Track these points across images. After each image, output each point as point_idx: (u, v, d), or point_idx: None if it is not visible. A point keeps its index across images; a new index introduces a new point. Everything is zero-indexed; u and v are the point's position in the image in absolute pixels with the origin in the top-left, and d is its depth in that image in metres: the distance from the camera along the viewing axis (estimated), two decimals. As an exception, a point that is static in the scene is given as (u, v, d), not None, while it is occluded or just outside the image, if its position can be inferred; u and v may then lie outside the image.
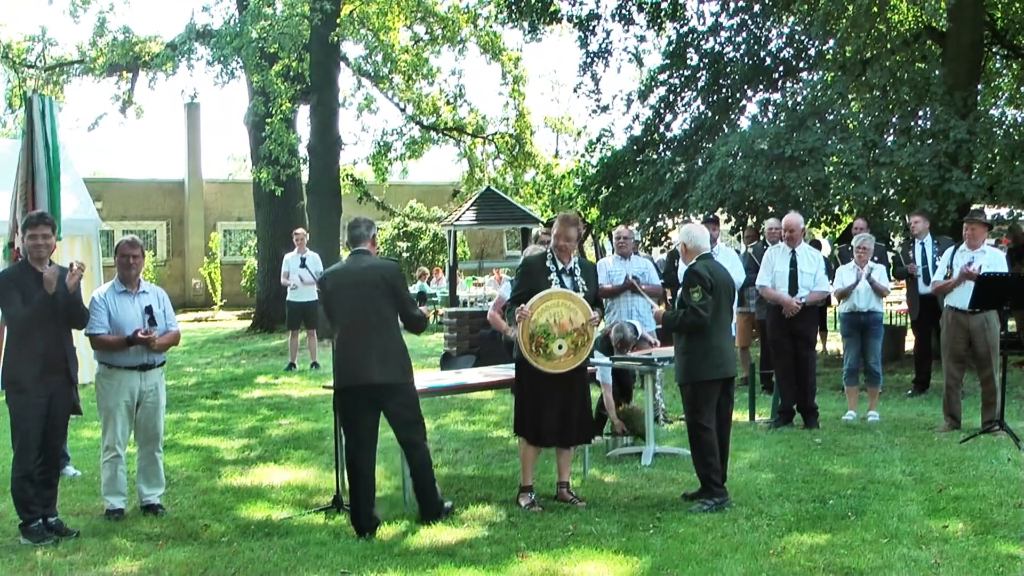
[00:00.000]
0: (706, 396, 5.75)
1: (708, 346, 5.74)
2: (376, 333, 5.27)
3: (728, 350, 5.86)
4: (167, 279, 25.62)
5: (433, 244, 25.75)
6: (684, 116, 15.19)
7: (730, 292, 5.99)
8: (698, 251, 5.94)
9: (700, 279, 5.73)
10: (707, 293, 5.70)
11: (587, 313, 5.70)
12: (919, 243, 9.64)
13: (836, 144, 11.40)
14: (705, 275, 5.74)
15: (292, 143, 16.87)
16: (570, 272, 5.81)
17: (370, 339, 5.25)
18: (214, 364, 13.79)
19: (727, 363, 5.81)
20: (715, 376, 5.75)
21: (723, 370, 5.78)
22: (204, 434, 8.45)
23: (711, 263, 5.92)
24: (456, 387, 6.78)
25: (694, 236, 5.99)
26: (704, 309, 5.69)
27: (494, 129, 22.48)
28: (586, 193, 15.67)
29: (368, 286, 5.31)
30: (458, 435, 8.16)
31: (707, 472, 5.70)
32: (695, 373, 5.76)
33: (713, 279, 5.76)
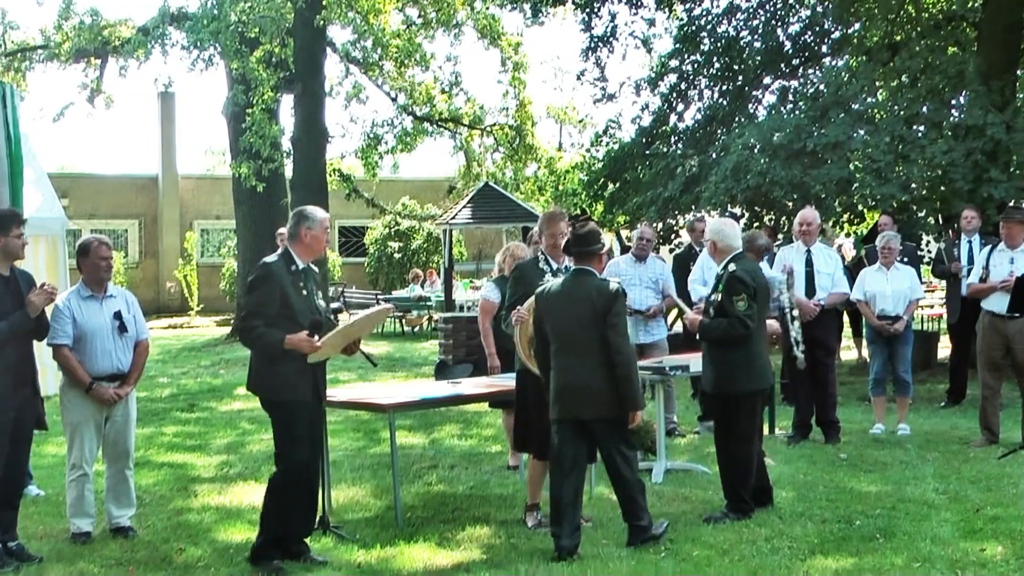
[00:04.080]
0: (746, 409, 5.78)
1: (748, 355, 5.75)
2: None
3: (767, 360, 5.86)
4: (139, 282, 25.59)
5: (427, 244, 25.72)
6: (696, 105, 15.19)
7: (768, 297, 5.99)
8: (730, 250, 5.90)
9: (744, 286, 5.70)
10: (752, 301, 5.68)
11: None
12: (965, 240, 9.59)
13: (861, 137, 11.36)
14: (748, 281, 5.73)
15: (275, 135, 16.85)
16: (565, 272, 5.81)
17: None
18: (190, 374, 13.76)
19: (767, 374, 5.85)
20: (756, 387, 5.79)
21: (764, 380, 5.82)
22: (179, 450, 8.43)
23: (749, 265, 5.89)
24: (452, 399, 6.75)
25: (725, 234, 5.95)
26: (750, 319, 5.67)
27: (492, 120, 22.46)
28: (591, 189, 15.66)
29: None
30: (453, 450, 8.16)
31: (737, 489, 5.74)
32: (735, 384, 5.76)
33: (755, 284, 5.76)
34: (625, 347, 5.18)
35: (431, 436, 8.80)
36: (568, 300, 5.25)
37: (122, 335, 5.69)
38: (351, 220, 28.08)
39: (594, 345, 5.15)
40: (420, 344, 17.60)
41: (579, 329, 5.19)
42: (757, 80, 14.71)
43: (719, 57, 14.77)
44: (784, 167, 11.24)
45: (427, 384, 8.74)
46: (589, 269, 5.33)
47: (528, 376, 5.65)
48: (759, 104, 14.90)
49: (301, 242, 5.18)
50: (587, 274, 5.31)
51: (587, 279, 5.29)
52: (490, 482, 6.94)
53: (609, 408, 5.19)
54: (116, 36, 19.06)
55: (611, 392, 5.16)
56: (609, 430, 5.23)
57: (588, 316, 5.16)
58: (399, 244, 25.75)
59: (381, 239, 26.08)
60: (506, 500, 6.36)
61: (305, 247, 5.19)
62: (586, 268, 5.34)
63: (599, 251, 5.37)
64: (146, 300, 22.35)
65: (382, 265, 25.90)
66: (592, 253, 5.34)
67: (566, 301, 5.25)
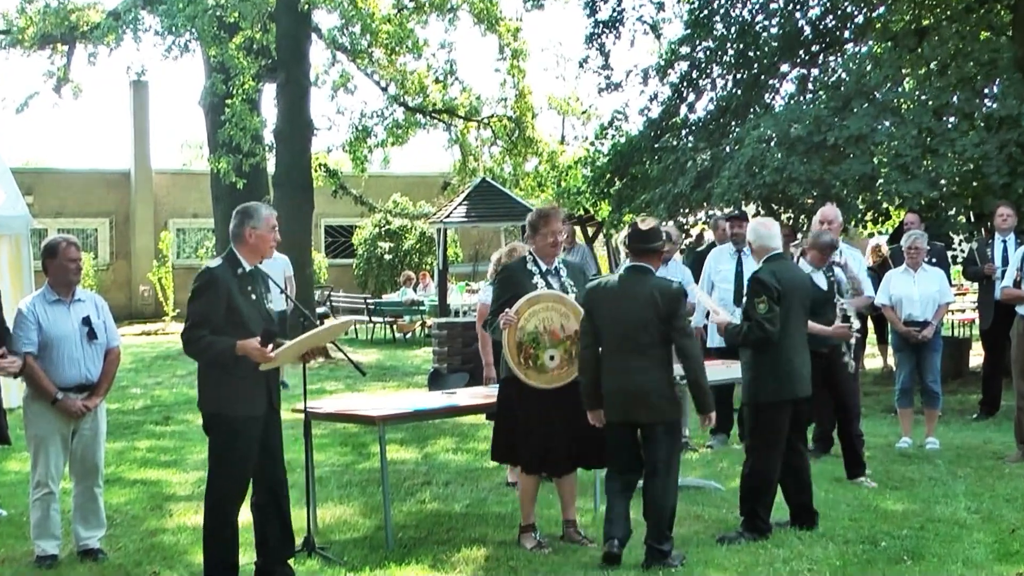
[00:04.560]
0: (766, 419, 5.82)
1: (773, 362, 5.79)
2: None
3: (800, 367, 5.88)
4: (110, 286, 25.57)
5: (420, 244, 25.72)
6: (709, 95, 15.19)
7: (804, 299, 5.97)
8: (766, 251, 5.98)
9: (765, 288, 5.76)
10: (773, 304, 5.72)
11: (580, 317, 5.70)
12: (999, 239, 9.58)
13: (886, 130, 11.35)
14: (771, 283, 5.76)
15: (256, 128, 16.87)
16: (555, 272, 5.83)
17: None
18: (165, 384, 13.75)
19: (798, 382, 5.86)
20: (781, 397, 5.81)
21: (792, 390, 5.83)
22: (152, 466, 8.42)
23: (780, 266, 5.92)
24: (446, 410, 6.75)
25: (759, 234, 6.02)
26: (770, 322, 5.72)
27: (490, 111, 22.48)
28: (596, 185, 15.65)
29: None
30: (448, 466, 8.15)
31: (753, 506, 5.75)
32: (757, 392, 5.85)
33: (781, 286, 5.78)
34: (693, 350, 5.41)
35: (424, 450, 8.79)
36: (626, 298, 5.40)
37: (91, 342, 5.68)
38: (338, 219, 28.06)
39: (653, 346, 5.35)
40: (412, 352, 17.57)
41: (638, 329, 5.35)
42: (774, 68, 14.72)
43: (733, 43, 14.77)
44: (802, 162, 11.24)
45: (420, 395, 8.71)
46: (647, 267, 5.49)
47: (515, 385, 5.65)
48: (776, 94, 14.90)
49: (246, 243, 5.14)
50: (646, 272, 5.48)
51: (646, 277, 5.45)
52: (487, 500, 6.92)
53: (666, 412, 5.40)
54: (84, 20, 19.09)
55: (669, 395, 5.39)
56: (663, 435, 5.41)
57: (650, 316, 5.33)
58: (390, 244, 25.74)
59: (370, 239, 26.07)
60: (504, 519, 6.35)
61: (250, 248, 5.15)
62: (644, 265, 5.49)
63: (661, 248, 5.58)
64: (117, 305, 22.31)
65: (371, 267, 25.89)
66: (654, 251, 5.52)
67: (623, 299, 5.40)
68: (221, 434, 5.07)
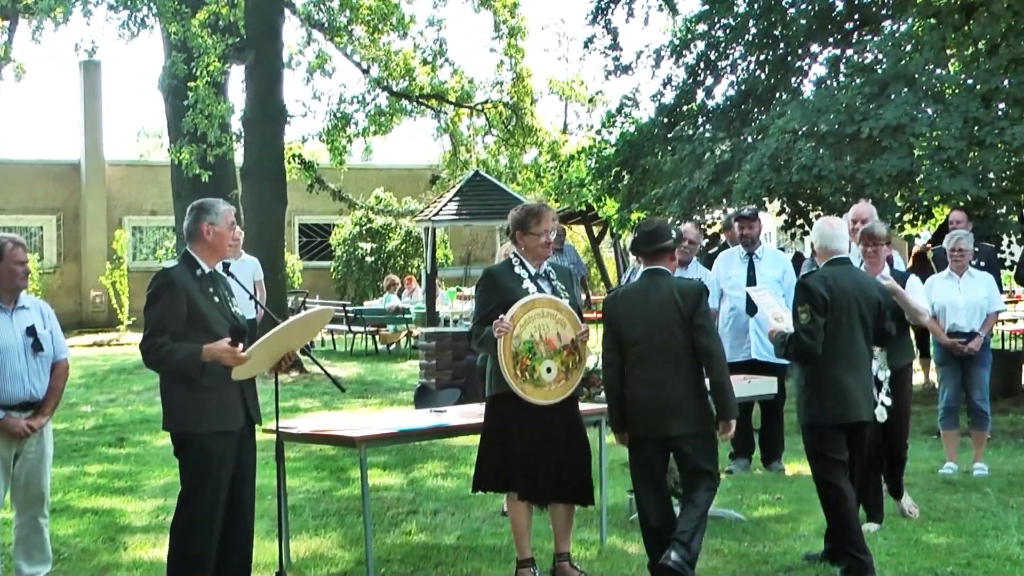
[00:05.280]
0: (826, 444, 5.84)
1: (820, 381, 5.82)
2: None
3: (853, 387, 5.86)
4: (57, 291, 25.54)
5: (405, 245, 25.72)
6: (729, 79, 15.21)
7: (863, 311, 5.91)
8: (829, 253, 6.00)
9: (809, 296, 5.77)
10: (816, 314, 5.73)
11: (577, 325, 5.72)
12: None
13: (927, 119, 11.35)
14: (817, 290, 5.76)
15: (222, 114, 16.85)
16: (545, 276, 5.84)
17: None
18: (119, 401, 13.72)
19: (851, 404, 5.85)
20: (832, 420, 5.83)
21: (843, 412, 5.83)
22: (105, 493, 8.39)
23: (837, 272, 5.90)
24: (435, 431, 6.73)
25: (824, 234, 6.05)
26: (810, 335, 5.74)
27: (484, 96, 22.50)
28: (602, 179, 15.66)
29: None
30: (437, 492, 8.13)
31: (846, 538, 5.75)
32: (809, 414, 5.91)
33: (831, 295, 5.76)
34: (716, 349, 5.56)
35: (410, 476, 8.77)
36: (647, 304, 5.57)
37: (36, 355, 5.66)
38: (314, 216, 28.06)
39: (681, 352, 5.52)
40: (397, 365, 17.54)
41: (664, 336, 5.52)
42: (802, 49, 14.74)
43: (757, 20, 14.79)
44: (833, 155, 11.24)
45: (405, 413, 8.69)
46: (662, 269, 5.66)
47: (509, 401, 5.64)
48: (804, 78, 14.92)
49: (203, 241, 5.16)
50: (662, 274, 5.65)
51: (664, 279, 5.62)
52: (481, 531, 6.91)
53: (699, 423, 5.55)
54: (29, -8, 19.04)
55: (700, 405, 5.55)
56: (697, 448, 5.56)
57: (674, 320, 5.50)
58: (372, 245, 25.74)
59: (350, 239, 26.06)
60: (500, 553, 6.33)
61: (208, 247, 5.17)
62: (659, 268, 5.66)
63: (671, 247, 5.69)
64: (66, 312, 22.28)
65: (351, 270, 25.89)
66: (664, 250, 5.66)
67: (645, 305, 5.57)
68: (192, 455, 5.07)
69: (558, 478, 5.69)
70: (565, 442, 5.68)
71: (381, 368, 17.19)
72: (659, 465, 5.68)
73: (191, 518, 5.05)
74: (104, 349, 21.68)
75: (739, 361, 8.39)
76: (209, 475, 5.02)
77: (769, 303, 6.51)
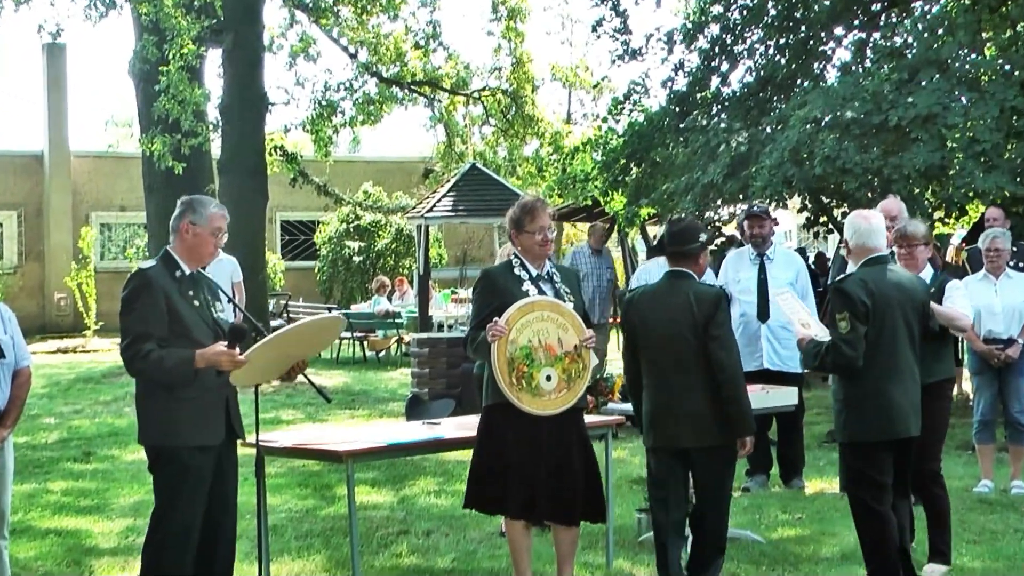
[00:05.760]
0: (869, 463, 5.76)
1: (863, 394, 5.73)
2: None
3: (899, 400, 5.77)
4: (18, 293, 25.53)
5: (396, 244, 25.71)
6: (746, 65, 15.20)
7: (909, 316, 5.83)
8: (866, 252, 5.87)
9: (847, 301, 5.66)
10: (857, 321, 5.64)
11: (581, 331, 5.71)
12: None
13: (961, 108, 11.35)
14: (856, 294, 5.66)
15: (198, 102, 16.86)
16: (547, 278, 5.84)
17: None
18: (85, 413, 13.72)
19: (898, 419, 5.76)
20: (875, 438, 5.75)
21: (889, 428, 5.74)
22: (70, 512, 8.38)
23: (877, 273, 5.80)
24: (428, 444, 6.74)
25: (859, 229, 5.93)
26: (851, 345, 5.65)
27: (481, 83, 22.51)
28: (608, 172, 15.66)
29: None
30: (430, 511, 8.13)
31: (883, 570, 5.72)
32: (849, 430, 5.85)
33: (872, 299, 5.67)
34: (730, 363, 5.58)
35: (401, 493, 8.77)
36: (663, 308, 5.68)
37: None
38: (297, 213, 28.06)
39: (694, 361, 5.58)
40: (387, 373, 17.52)
41: (677, 342, 5.62)
42: (825, 32, 14.74)
43: (776, 1, 14.80)
44: (859, 148, 11.23)
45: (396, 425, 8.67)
46: (686, 271, 5.74)
47: (503, 411, 5.64)
48: (827, 63, 14.92)
49: (182, 239, 5.18)
50: (684, 277, 5.73)
51: (684, 283, 5.71)
52: (477, 553, 6.91)
53: (712, 435, 5.61)
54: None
55: (714, 416, 5.59)
56: (710, 462, 5.65)
57: (687, 327, 5.59)
58: (360, 244, 25.73)
59: (336, 237, 26.05)
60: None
61: (187, 247, 5.18)
62: (681, 270, 5.74)
63: (697, 250, 5.77)
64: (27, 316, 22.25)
65: (337, 271, 25.88)
66: (689, 253, 5.75)
67: (661, 310, 5.68)
68: (168, 471, 5.06)
69: (559, 496, 5.68)
70: (566, 456, 5.67)
71: (370, 377, 17.18)
72: (673, 478, 5.73)
73: (164, 538, 5.05)
74: (69, 356, 21.64)
75: (750, 371, 8.38)
76: (184, 492, 5.02)
77: (794, 308, 6.44)
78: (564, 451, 5.69)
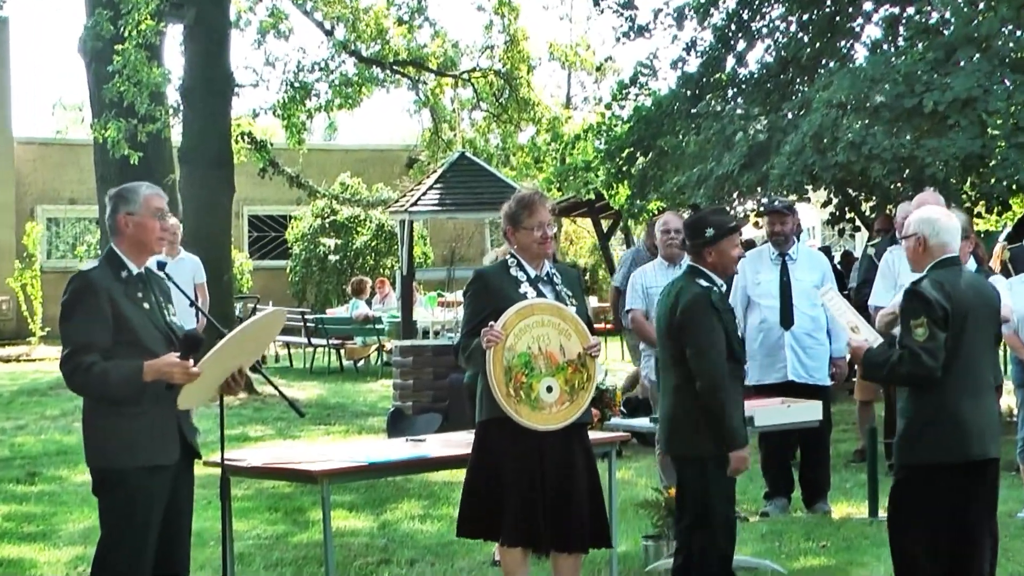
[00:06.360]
0: (926, 489, 5.64)
1: (938, 409, 5.60)
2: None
3: (976, 417, 5.65)
4: (-43, 295, 25.47)
5: (376, 242, 25.71)
6: (765, 43, 15.23)
7: (987, 323, 5.78)
8: (941, 251, 5.75)
9: (926, 306, 5.54)
10: (937, 328, 5.53)
11: (585, 337, 5.72)
12: None
13: (1003, 91, 11.37)
14: (935, 300, 5.54)
15: (157, 83, 16.83)
16: (547, 280, 5.85)
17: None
18: (30, 429, 13.71)
19: (973, 438, 5.62)
20: (947, 459, 5.60)
21: (964, 450, 5.60)
22: (12, 540, 8.37)
23: (951, 276, 5.70)
24: (412, 463, 6.75)
25: (940, 226, 5.77)
26: (931, 354, 5.52)
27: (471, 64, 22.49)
28: (612, 162, 15.68)
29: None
30: (414, 538, 8.14)
31: None
32: (910, 449, 5.69)
33: (951, 305, 5.56)
34: (705, 369, 5.70)
35: (382, 518, 8.77)
36: (660, 306, 6.03)
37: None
38: (267, 207, 28.05)
39: (670, 363, 5.89)
40: (366, 385, 17.52)
41: (661, 342, 6.02)
42: (853, 7, 14.78)
43: (799, -27, 14.84)
44: (888, 134, 11.26)
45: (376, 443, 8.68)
46: (697, 267, 5.95)
47: (503, 427, 5.63)
48: (855, 41, 14.95)
49: (124, 235, 5.14)
50: (691, 273, 5.96)
51: (682, 280, 5.99)
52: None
53: (682, 443, 5.84)
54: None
55: (686, 424, 5.79)
56: (682, 471, 5.87)
57: (665, 328, 5.90)
58: (336, 241, 25.72)
59: (310, 234, 26.04)
60: (490, 612, 6.34)
61: (131, 242, 5.14)
62: (695, 266, 5.97)
63: (700, 246, 5.93)
64: (-33, 321, 22.20)
65: (311, 271, 25.88)
66: (693, 248, 6.01)
67: (660, 307, 6.04)
68: (116, 495, 5.03)
69: (562, 521, 5.67)
70: (570, 477, 5.67)
71: (347, 389, 17.17)
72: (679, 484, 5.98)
73: (113, 569, 5.03)
74: (12, 366, 21.61)
75: (772, 383, 8.39)
76: (135, 519, 4.99)
77: (841, 308, 6.33)
78: (568, 471, 5.68)
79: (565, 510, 5.68)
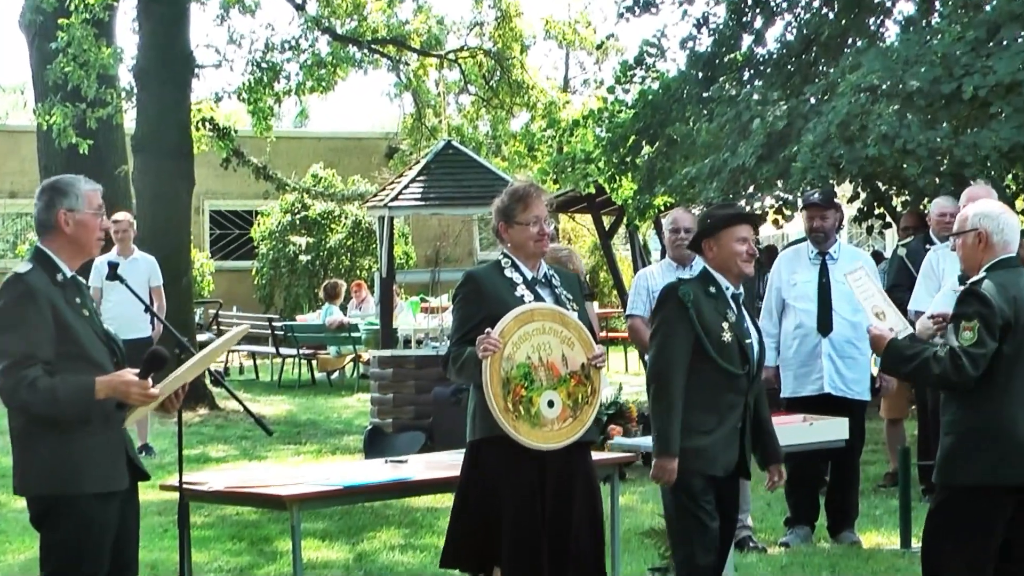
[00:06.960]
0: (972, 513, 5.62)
1: (988, 425, 5.58)
2: None
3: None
4: None
5: (352, 240, 25.70)
6: (785, 20, 15.26)
7: None
8: (1002, 248, 5.73)
9: (986, 308, 5.51)
10: (987, 336, 5.51)
11: (589, 347, 5.73)
12: None
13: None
14: (997, 305, 5.52)
15: (106, 63, 16.83)
16: (545, 281, 5.86)
17: None
18: (-33, 448, 13.69)
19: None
20: (996, 481, 5.57)
21: (1014, 471, 5.56)
22: (-52, 570, 8.36)
23: (1012, 279, 5.67)
24: (391, 487, 6.74)
25: (1002, 222, 5.76)
26: (975, 361, 5.49)
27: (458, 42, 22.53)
28: (615, 152, 15.69)
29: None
30: (393, 570, 8.15)
31: None
32: (964, 471, 5.64)
33: (1013, 312, 5.54)
34: (654, 363, 5.96)
35: (358, 548, 8.76)
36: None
37: None
38: (231, 201, 28.04)
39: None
40: (341, 399, 17.52)
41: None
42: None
43: (822, -57, 14.88)
44: (924, 125, 11.27)
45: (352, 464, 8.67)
46: (706, 269, 6.09)
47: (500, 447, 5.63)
48: (886, 18, 14.98)
49: (61, 234, 5.10)
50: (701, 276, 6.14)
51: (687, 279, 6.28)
52: (453, 623, 6.91)
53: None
54: None
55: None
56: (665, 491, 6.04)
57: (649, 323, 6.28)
58: (308, 240, 25.72)
59: (279, 232, 26.03)
60: (479, 653, 6.33)
61: (69, 243, 5.11)
62: (705, 268, 6.13)
63: (701, 235, 6.09)
64: None
65: (280, 273, 25.87)
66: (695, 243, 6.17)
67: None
68: (65, 525, 4.99)
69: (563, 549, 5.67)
70: (570, 503, 5.67)
71: (319, 404, 17.16)
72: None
73: None
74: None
75: (807, 396, 8.37)
76: (85, 552, 4.97)
77: (868, 291, 6.26)
78: (568, 496, 5.68)
79: (567, 538, 5.67)
